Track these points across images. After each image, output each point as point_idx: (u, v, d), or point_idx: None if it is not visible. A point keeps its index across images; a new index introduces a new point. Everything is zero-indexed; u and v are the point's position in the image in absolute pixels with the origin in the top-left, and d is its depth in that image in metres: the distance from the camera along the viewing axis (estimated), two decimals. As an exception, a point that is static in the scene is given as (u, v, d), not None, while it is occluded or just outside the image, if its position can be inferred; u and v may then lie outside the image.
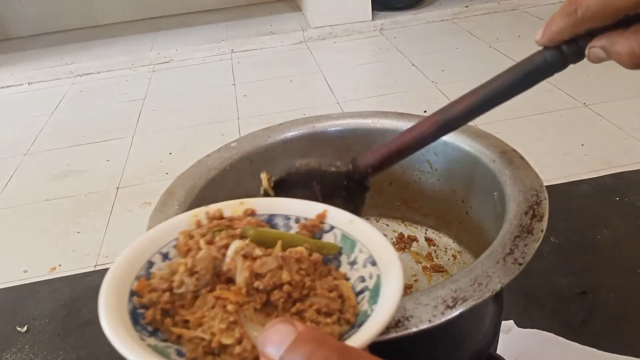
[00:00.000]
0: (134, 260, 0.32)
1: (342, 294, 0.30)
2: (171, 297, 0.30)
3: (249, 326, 0.28)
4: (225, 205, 0.36)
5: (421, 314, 0.32)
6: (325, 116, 0.58)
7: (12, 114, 2.27)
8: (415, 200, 0.59)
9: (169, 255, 0.33)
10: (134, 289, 0.30)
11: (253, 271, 0.29)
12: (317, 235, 0.35)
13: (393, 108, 0.92)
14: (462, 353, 0.42)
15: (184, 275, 0.30)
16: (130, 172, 1.69)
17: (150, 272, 0.32)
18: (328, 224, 0.36)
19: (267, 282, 0.29)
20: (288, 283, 0.29)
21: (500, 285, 0.34)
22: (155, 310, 0.29)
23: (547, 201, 0.41)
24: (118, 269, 0.31)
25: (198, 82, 2.36)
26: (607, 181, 0.81)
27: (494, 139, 0.49)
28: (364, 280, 0.32)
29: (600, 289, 0.62)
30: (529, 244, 0.37)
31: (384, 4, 2.77)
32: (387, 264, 0.31)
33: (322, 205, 0.36)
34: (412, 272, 0.56)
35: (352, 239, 0.34)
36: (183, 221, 0.35)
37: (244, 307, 0.28)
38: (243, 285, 0.29)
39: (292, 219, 0.37)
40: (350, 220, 0.35)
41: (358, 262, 0.33)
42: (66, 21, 3.18)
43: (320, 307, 0.29)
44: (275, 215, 0.37)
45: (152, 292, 0.30)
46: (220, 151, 0.55)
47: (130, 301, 0.30)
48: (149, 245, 0.33)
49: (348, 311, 0.30)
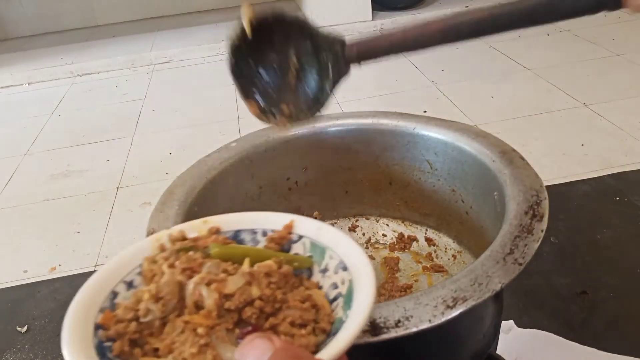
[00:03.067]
0: (96, 292, 0.31)
1: (315, 304, 0.30)
2: (138, 326, 0.29)
3: (221, 347, 0.27)
4: (189, 225, 0.35)
5: (421, 314, 0.32)
6: (325, 116, 0.58)
7: (12, 114, 2.27)
8: (415, 200, 0.59)
9: (133, 284, 0.32)
10: (98, 322, 0.29)
11: (221, 293, 0.29)
12: (286, 246, 0.35)
13: (393, 108, 0.92)
14: (463, 353, 0.42)
15: (149, 302, 0.29)
16: (130, 172, 1.69)
17: (115, 302, 0.31)
18: (296, 233, 0.35)
19: (237, 301, 0.28)
20: (259, 298, 0.29)
21: (501, 285, 0.34)
22: (123, 341, 0.29)
23: (547, 201, 0.41)
24: (80, 302, 0.30)
25: (198, 82, 2.36)
26: (607, 181, 0.81)
27: (494, 139, 0.50)
28: (337, 286, 0.31)
29: (600, 289, 0.62)
30: (529, 244, 0.37)
31: (384, 4, 2.77)
32: (358, 268, 0.31)
33: (289, 216, 0.36)
34: (412, 272, 0.56)
35: (321, 247, 0.34)
36: (146, 247, 0.34)
37: (216, 328, 0.28)
38: (213, 307, 0.28)
39: (259, 232, 0.36)
40: (318, 227, 0.35)
41: (329, 269, 0.33)
42: (66, 21, 3.18)
43: (294, 319, 0.29)
44: (241, 231, 0.36)
45: (118, 324, 0.29)
46: (220, 151, 0.55)
47: (96, 335, 0.29)
48: (112, 275, 0.32)
49: (323, 320, 0.29)
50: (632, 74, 1.92)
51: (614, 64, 1.98)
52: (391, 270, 0.56)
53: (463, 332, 0.41)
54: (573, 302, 0.61)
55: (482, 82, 2.01)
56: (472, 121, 1.64)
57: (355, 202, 0.61)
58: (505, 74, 2.04)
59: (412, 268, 0.57)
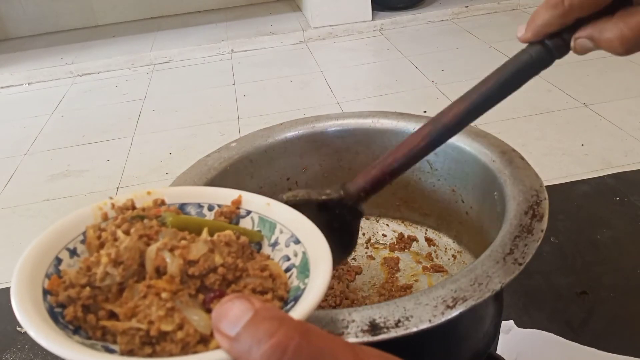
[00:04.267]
0: (40, 257, 0.30)
1: (272, 273, 0.31)
2: (92, 291, 0.28)
3: (188, 311, 0.27)
4: (133, 195, 0.35)
5: (421, 314, 0.32)
6: (325, 116, 0.58)
7: (12, 114, 2.27)
8: (415, 200, 0.59)
9: (76, 251, 0.32)
10: (46, 288, 0.29)
11: (185, 259, 0.29)
12: (234, 221, 0.35)
13: (393, 108, 0.92)
14: (462, 353, 0.42)
15: (109, 266, 0.28)
16: (130, 172, 1.69)
17: (60, 269, 0.30)
18: (244, 209, 0.36)
19: (201, 267, 0.29)
20: (221, 265, 0.29)
21: (500, 285, 0.34)
22: (76, 307, 0.28)
23: (547, 201, 0.41)
24: (26, 268, 0.29)
25: (198, 82, 2.36)
26: (607, 181, 0.81)
27: (494, 139, 0.49)
28: (289, 258, 0.32)
29: (600, 289, 0.62)
30: (529, 244, 0.37)
31: (384, 4, 2.78)
32: (312, 240, 0.31)
33: (236, 191, 0.36)
34: (412, 272, 0.56)
35: (271, 221, 0.34)
36: (87, 215, 0.34)
37: (179, 294, 0.28)
38: (177, 273, 0.28)
39: (205, 206, 0.36)
40: (267, 203, 0.35)
41: (280, 243, 0.33)
42: (66, 21, 3.18)
43: (255, 287, 0.29)
44: (186, 204, 0.36)
45: (69, 289, 0.29)
46: (220, 151, 0.54)
47: (45, 300, 0.28)
48: (54, 241, 0.32)
49: (280, 288, 0.30)
50: (632, 74, 1.92)
51: (614, 64, 1.98)
52: (391, 270, 0.56)
53: (463, 332, 0.41)
54: (573, 302, 0.61)
55: (482, 82, 2.01)
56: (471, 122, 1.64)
57: (356, 202, 0.61)
58: (505, 74, 2.04)
59: (412, 268, 0.57)
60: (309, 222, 0.33)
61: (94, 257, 0.30)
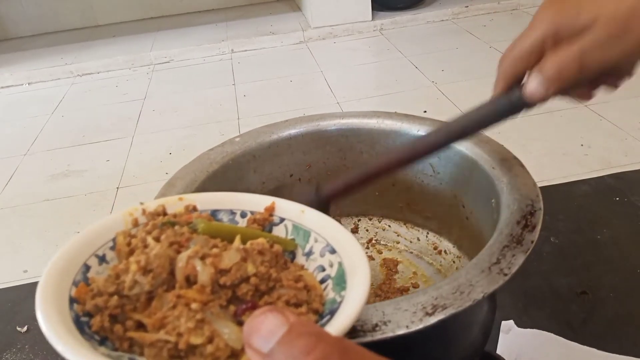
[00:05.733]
0: (68, 264, 0.29)
1: (307, 284, 0.29)
2: (120, 300, 0.27)
3: (218, 323, 0.26)
4: (164, 201, 0.34)
5: (399, 319, 0.32)
6: (330, 115, 0.58)
7: (12, 114, 2.27)
8: (418, 202, 0.59)
9: (105, 258, 0.31)
10: (73, 296, 0.28)
11: (217, 267, 0.27)
12: (267, 228, 0.34)
13: (393, 108, 0.92)
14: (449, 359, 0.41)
15: (137, 274, 0.27)
16: (130, 172, 1.69)
17: (88, 276, 0.29)
18: (277, 216, 0.34)
19: (233, 277, 0.27)
20: (254, 275, 0.28)
21: (482, 295, 0.33)
22: (103, 316, 0.27)
23: (541, 211, 0.40)
24: (52, 274, 0.28)
25: (198, 82, 2.36)
26: (607, 181, 0.81)
27: (496, 145, 0.49)
28: (324, 269, 0.31)
29: (600, 289, 0.62)
30: (517, 255, 0.36)
31: (384, 4, 2.78)
32: (348, 250, 0.30)
33: (269, 198, 0.35)
34: (410, 275, 0.56)
35: (305, 229, 0.33)
36: (118, 221, 0.32)
37: (209, 304, 0.26)
38: (208, 282, 0.27)
39: (238, 213, 0.35)
40: (301, 210, 0.34)
41: (315, 252, 0.32)
42: (66, 21, 3.18)
43: (289, 299, 0.28)
44: (218, 211, 0.35)
45: (96, 297, 0.27)
46: (223, 145, 0.54)
47: (71, 309, 0.27)
48: (83, 247, 0.30)
49: (315, 300, 0.29)
50: (632, 74, 1.92)
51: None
52: (389, 272, 0.56)
53: (447, 339, 0.41)
54: (573, 302, 0.61)
55: (482, 82, 2.01)
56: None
57: (359, 201, 0.61)
58: (505, 74, 2.04)
59: (410, 271, 0.57)
60: (344, 231, 0.31)
61: (122, 264, 0.28)
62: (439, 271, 0.56)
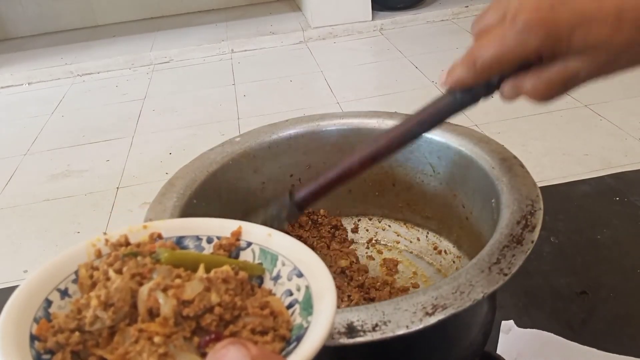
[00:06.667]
0: (28, 300, 0.28)
1: (273, 310, 0.29)
2: (82, 336, 0.27)
3: (181, 356, 0.26)
4: (128, 230, 0.33)
5: (399, 319, 0.32)
6: (331, 115, 0.58)
7: (12, 114, 2.27)
8: (417, 202, 0.59)
9: (68, 292, 0.30)
10: (34, 333, 0.27)
11: (179, 299, 0.27)
12: (234, 253, 0.34)
13: (393, 108, 0.92)
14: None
15: (98, 309, 0.27)
16: (130, 172, 1.69)
17: (50, 312, 0.29)
18: (244, 240, 0.34)
19: (196, 307, 0.27)
20: (218, 305, 0.28)
21: (482, 295, 0.33)
22: (65, 353, 0.27)
23: (541, 211, 0.40)
24: (12, 312, 0.27)
25: (198, 82, 2.36)
26: (607, 181, 0.81)
27: (496, 145, 0.49)
28: (292, 293, 0.31)
29: (600, 289, 0.62)
30: (517, 255, 0.36)
31: (384, 4, 2.78)
32: (315, 273, 0.30)
33: (235, 222, 0.34)
34: (409, 275, 0.56)
35: (272, 253, 0.33)
36: (80, 252, 0.32)
37: (173, 337, 0.26)
38: (170, 315, 0.27)
39: (204, 239, 0.35)
40: (268, 234, 0.34)
41: (282, 276, 0.32)
42: (66, 21, 3.18)
43: (254, 327, 0.28)
44: (184, 238, 0.34)
45: (57, 334, 0.27)
46: (223, 145, 0.54)
47: (32, 347, 0.27)
48: (44, 282, 0.30)
49: (282, 327, 0.28)
50: (632, 74, 1.92)
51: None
52: (389, 272, 0.56)
53: (447, 339, 0.41)
54: (573, 302, 0.61)
55: (482, 82, 2.01)
56: (472, 121, 1.64)
57: (359, 201, 0.61)
58: (505, 74, 2.04)
59: (410, 271, 0.57)
60: (311, 254, 0.31)
61: (84, 298, 0.28)
62: (439, 271, 0.56)
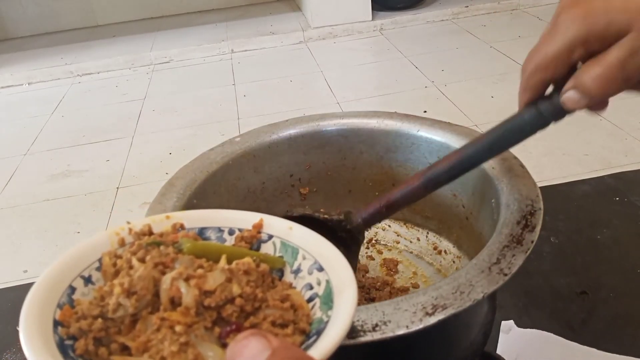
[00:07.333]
0: (53, 286, 0.29)
1: (294, 304, 0.29)
2: (104, 323, 0.27)
3: (202, 346, 0.26)
4: (151, 220, 0.34)
5: (399, 319, 0.32)
6: (331, 115, 0.58)
7: (12, 114, 2.27)
8: (418, 202, 0.59)
9: (91, 279, 0.30)
10: (57, 319, 0.28)
11: (201, 289, 0.27)
12: (255, 245, 0.34)
13: (393, 108, 0.92)
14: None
15: (121, 297, 0.27)
16: (130, 172, 1.69)
17: (73, 298, 0.29)
18: (266, 233, 0.34)
19: (217, 298, 0.27)
20: (239, 296, 0.28)
21: (483, 295, 0.33)
22: (87, 340, 0.27)
23: (541, 212, 0.40)
24: (37, 297, 0.28)
25: (198, 82, 2.36)
26: (607, 181, 0.81)
27: None
28: (312, 287, 0.31)
29: (600, 289, 0.62)
30: (517, 255, 0.36)
31: (384, 4, 2.78)
32: (335, 267, 0.30)
33: (257, 215, 0.35)
34: (410, 275, 0.56)
35: (293, 246, 0.33)
36: (104, 241, 0.32)
37: (194, 327, 0.26)
38: (192, 304, 0.27)
39: (226, 230, 0.35)
40: (289, 227, 0.34)
41: (303, 270, 0.32)
42: (66, 21, 3.18)
43: (275, 319, 0.28)
44: (206, 229, 0.35)
45: (80, 320, 0.27)
46: (223, 145, 0.54)
47: (55, 332, 0.27)
48: (69, 268, 0.30)
49: (302, 320, 0.28)
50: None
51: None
52: (389, 272, 0.56)
53: (447, 339, 0.41)
54: (573, 302, 0.61)
55: (482, 82, 2.01)
56: (472, 121, 1.64)
57: (359, 201, 0.61)
58: (505, 74, 2.04)
59: (410, 271, 0.57)
60: (333, 248, 0.31)
61: (107, 286, 0.28)
62: (439, 271, 0.56)
